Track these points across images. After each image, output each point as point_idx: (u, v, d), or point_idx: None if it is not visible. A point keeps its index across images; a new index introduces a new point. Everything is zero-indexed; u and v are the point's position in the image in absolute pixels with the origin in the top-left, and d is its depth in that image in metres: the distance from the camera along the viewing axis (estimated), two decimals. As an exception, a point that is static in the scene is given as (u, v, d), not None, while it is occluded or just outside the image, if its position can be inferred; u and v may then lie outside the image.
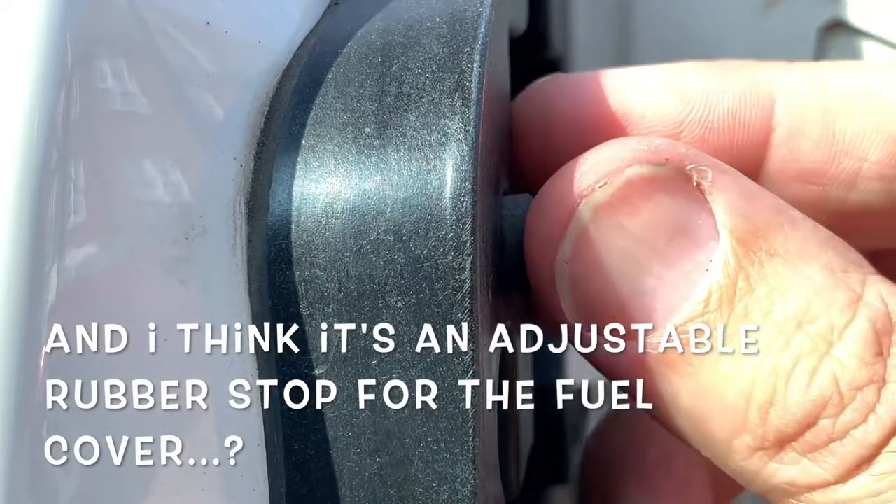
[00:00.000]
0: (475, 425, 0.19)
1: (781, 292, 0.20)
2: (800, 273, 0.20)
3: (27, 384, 0.16)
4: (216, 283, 0.19)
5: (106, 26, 0.17)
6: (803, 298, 0.20)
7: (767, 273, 0.20)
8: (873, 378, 0.20)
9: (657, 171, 0.21)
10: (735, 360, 0.20)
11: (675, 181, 0.21)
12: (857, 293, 0.20)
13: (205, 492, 0.18)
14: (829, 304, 0.20)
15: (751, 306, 0.20)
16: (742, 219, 0.21)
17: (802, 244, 0.21)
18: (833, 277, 0.20)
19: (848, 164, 0.25)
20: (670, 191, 0.21)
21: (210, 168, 0.19)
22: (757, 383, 0.20)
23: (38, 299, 0.16)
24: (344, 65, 0.20)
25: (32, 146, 0.16)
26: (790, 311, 0.20)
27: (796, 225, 0.21)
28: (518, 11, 0.28)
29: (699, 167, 0.21)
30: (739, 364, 0.20)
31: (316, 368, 0.19)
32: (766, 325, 0.20)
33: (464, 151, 0.19)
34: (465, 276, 0.18)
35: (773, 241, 0.21)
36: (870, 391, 0.20)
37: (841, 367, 0.20)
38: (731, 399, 0.20)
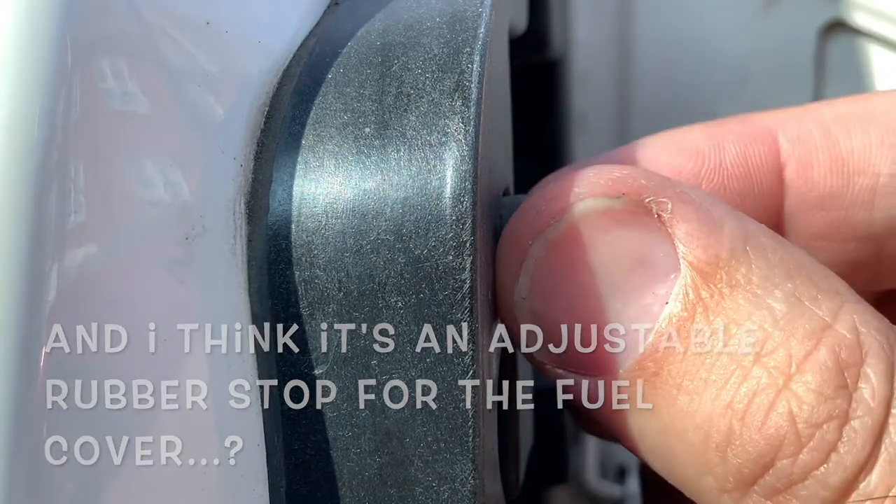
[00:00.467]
0: (475, 425, 0.19)
1: (739, 324, 0.19)
2: (760, 303, 0.20)
3: (27, 384, 0.16)
4: (216, 283, 0.19)
5: (106, 26, 0.17)
6: (761, 330, 0.19)
7: (727, 305, 0.20)
8: (833, 414, 0.19)
9: (612, 204, 0.20)
10: (693, 395, 0.19)
11: (631, 214, 0.20)
12: (826, 322, 0.19)
13: (205, 492, 0.18)
14: (788, 335, 0.19)
15: (708, 340, 0.19)
16: (702, 249, 0.20)
17: (767, 272, 0.20)
18: (797, 306, 0.20)
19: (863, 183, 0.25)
20: (627, 224, 0.20)
21: (210, 168, 0.19)
22: (714, 420, 0.19)
23: (38, 299, 0.16)
24: (344, 65, 0.20)
25: (32, 146, 0.16)
26: (747, 345, 0.19)
27: (763, 253, 0.20)
28: (518, 11, 0.28)
29: (658, 199, 0.20)
30: (697, 399, 0.19)
31: (316, 368, 0.19)
32: (723, 357, 0.19)
33: (464, 151, 0.19)
34: (465, 276, 0.18)
35: (735, 272, 0.20)
36: (830, 428, 0.19)
37: (798, 403, 0.19)
38: (691, 437, 0.20)
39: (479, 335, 0.19)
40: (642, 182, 0.21)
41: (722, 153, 0.25)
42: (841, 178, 0.25)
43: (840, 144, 0.25)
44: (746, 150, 0.25)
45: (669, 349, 0.20)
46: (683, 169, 0.25)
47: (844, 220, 0.25)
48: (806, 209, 0.26)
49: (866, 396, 0.19)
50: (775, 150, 0.26)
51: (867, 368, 0.19)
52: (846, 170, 0.25)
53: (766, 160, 0.25)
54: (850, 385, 0.19)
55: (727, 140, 0.26)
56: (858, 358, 0.19)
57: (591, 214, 0.20)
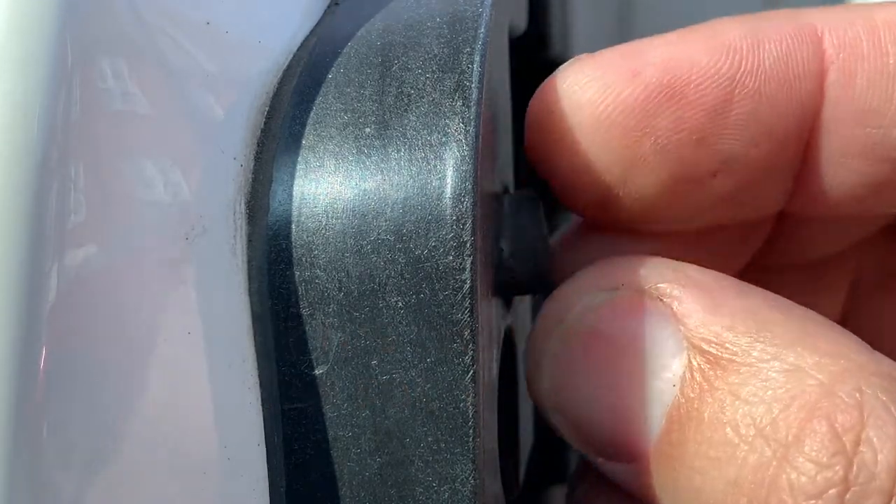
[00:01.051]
0: (475, 425, 0.19)
1: (742, 399, 0.19)
2: (761, 377, 0.19)
3: (27, 384, 0.16)
4: (216, 283, 0.19)
5: (106, 26, 0.17)
6: (763, 404, 0.19)
7: (730, 381, 0.20)
8: (833, 481, 0.18)
9: (611, 296, 0.21)
10: (704, 474, 0.20)
11: (633, 302, 0.21)
12: (825, 387, 0.19)
13: (205, 492, 0.18)
14: (786, 406, 0.19)
15: (714, 417, 0.20)
16: (703, 328, 0.20)
17: (769, 347, 0.20)
18: (797, 375, 0.19)
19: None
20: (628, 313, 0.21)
21: (210, 168, 0.19)
22: (723, 498, 0.19)
23: (38, 299, 0.16)
24: (344, 65, 0.20)
25: (32, 146, 0.16)
26: (749, 419, 0.19)
27: (766, 326, 0.20)
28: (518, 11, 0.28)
29: (657, 284, 0.21)
30: (709, 478, 0.20)
31: (316, 368, 0.19)
32: (728, 434, 0.19)
33: (464, 151, 0.19)
34: (465, 277, 0.18)
35: (737, 349, 0.20)
36: (830, 498, 0.18)
37: (798, 475, 0.18)
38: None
39: (478, 335, 0.19)
40: (641, 271, 0.21)
41: (761, 54, 0.24)
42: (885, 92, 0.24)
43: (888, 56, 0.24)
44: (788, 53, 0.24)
45: (681, 431, 0.20)
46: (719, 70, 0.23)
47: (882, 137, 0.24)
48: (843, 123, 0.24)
49: (867, 460, 0.18)
50: (819, 54, 0.24)
51: (869, 431, 0.18)
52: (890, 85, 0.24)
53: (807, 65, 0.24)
54: (850, 450, 0.18)
55: (769, 39, 0.24)
56: (858, 420, 0.19)
57: (594, 308, 0.21)
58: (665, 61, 0.23)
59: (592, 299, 0.21)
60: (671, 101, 0.23)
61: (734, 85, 0.23)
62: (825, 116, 0.24)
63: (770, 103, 0.23)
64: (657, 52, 0.23)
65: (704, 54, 0.23)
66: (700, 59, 0.23)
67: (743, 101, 0.23)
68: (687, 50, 0.23)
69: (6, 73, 0.16)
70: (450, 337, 0.18)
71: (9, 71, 0.16)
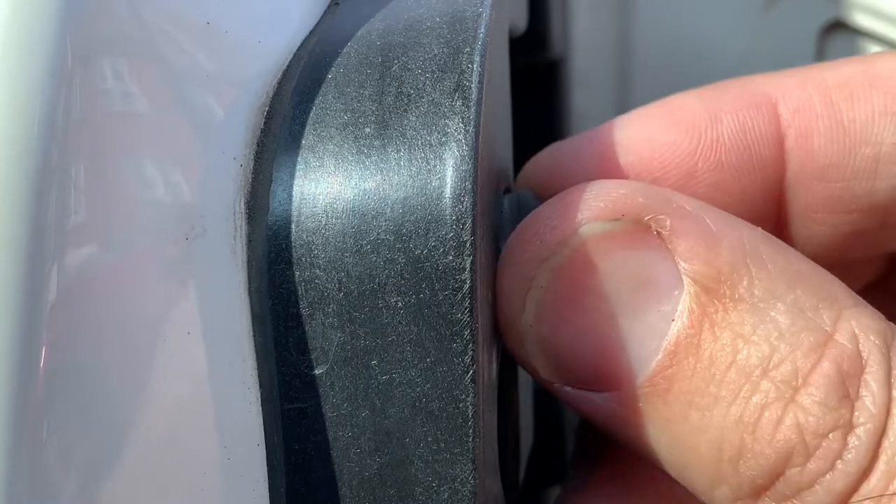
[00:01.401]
0: (475, 425, 0.19)
1: (745, 339, 0.20)
2: (764, 317, 0.20)
3: (27, 384, 0.16)
4: (216, 283, 0.19)
5: (106, 26, 0.17)
6: (767, 344, 0.20)
7: (732, 320, 0.20)
8: (839, 423, 0.19)
9: (613, 227, 0.21)
10: (704, 411, 0.20)
11: (632, 234, 0.20)
12: (828, 332, 0.20)
13: (205, 492, 0.18)
14: (793, 349, 0.20)
15: (716, 354, 0.20)
16: (704, 265, 0.20)
17: (769, 284, 0.20)
18: (800, 318, 0.20)
19: (865, 153, 0.25)
20: (628, 245, 0.20)
21: (210, 168, 0.19)
22: (725, 435, 0.20)
23: (38, 299, 0.16)
24: (344, 65, 0.20)
25: (32, 146, 0.16)
26: (755, 358, 0.20)
27: (763, 264, 0.20)
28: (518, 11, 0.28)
29: (657, 216, 0.20)
30: (708, 415, 0.20)
31: (316, 368, 0.19)
32: (731, 372, 0.20)
33: (464, 151, 0.19)
34: (465, 277, 0.18)
35: (738, 285, 0.20)
36: (835, 437, 0.19)
37: (805, 415, 0.19)
38: (704, 451, 0.20)
39: (478, 335, 0.19)
40: (640, 201, 0.21)
41: (719, 127, 0.25)
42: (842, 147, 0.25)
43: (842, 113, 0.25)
44: (745, 122, 0.25)
45: (678, 366, 0.20)
46: (679, 146, 0.24)
47: (846, 190, 0.25)
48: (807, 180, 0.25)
49: (868, 404, 0.19)
50: (775, 119, 0.25)
51: (867, 376, 0.20)
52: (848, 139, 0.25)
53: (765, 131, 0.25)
54: (853, 394, 0.19)
55: (725, 112, 0.25)
56: (859, 367, 0.20)
57: (593, 239, 0.21)
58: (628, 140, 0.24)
59: (590, 230, 0.21)
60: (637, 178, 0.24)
61: (696, 159, 0.24)
62: (789, 177, 0.25)
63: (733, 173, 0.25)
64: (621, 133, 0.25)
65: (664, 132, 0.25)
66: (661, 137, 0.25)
67: (706, 173, 0.24)
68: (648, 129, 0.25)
69: (6, 73, 0.16)
70: (449, 337, 0.18)
71: (9, 71, 0.16)
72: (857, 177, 0.25)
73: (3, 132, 0.16)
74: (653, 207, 0.21)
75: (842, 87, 0.25)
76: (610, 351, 0.20)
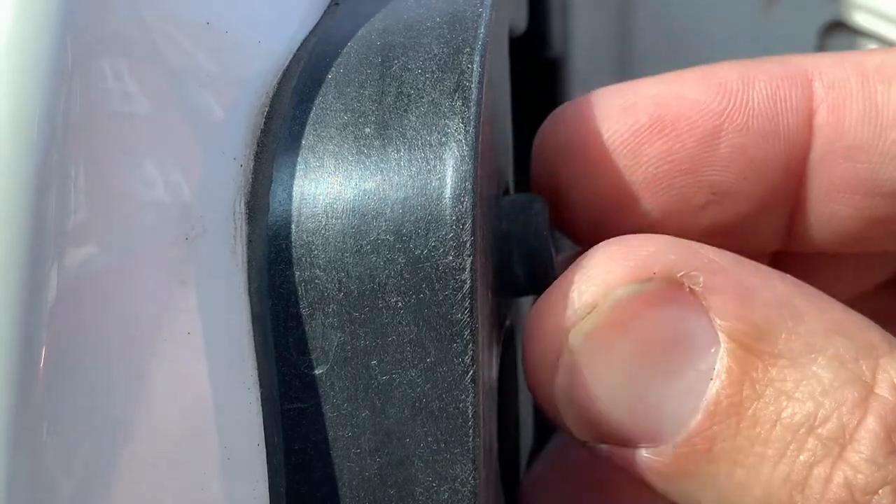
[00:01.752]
0: (475, 425, 0.19)
1: (789, 396, 0.19)
2: (806, 372, 0.20)
3: (27, 384, 0.16)
4: (216, 283, 0.19)
5: (106, 26, 0.17)
6: (812, 401, 0.19)
7: (773, 376, 0.20)
8: (887, 479, 0.19)
9: (645, 288, 0.20)
10: (750, 469, 0.20)
11: (665, 293, 0.20)
12: (869, 384, 0.20)
13: (205, 492, 0.18)
14: (838, 404, 0.19)
15: (759, 413, 0.19)
16: (740, 321, 0.20)
17: (808, 338, 0.20)
18: (842, 371, 0.20)
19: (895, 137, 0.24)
20: (661, 304, 0.20)
21: (210, 168, 0.19)
22: (773, 493, 0.19)
23: (38, 299, 0.16)
24: (344, 65, 0.20)
25: (32, 146, 0.16)
26: (800, 416, 0.19)
27: (800, 317, 0.20)
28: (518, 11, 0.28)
29: (689, 273, 0.20)
30: (755, 473, 0.20)
31: (316, 368, 0.19)
32: (777, 430, 0.19)
33: (464, 151, 0.19)
34: (465, 277, 0.18)
35: (776, 341, 0.20)
36: (885, 494, 0.19)
37: (854, 472, 0.19)
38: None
39: (478, 335, 0.19)
40: (671, 258, 0.20)
41: (751, 91, 0.24)
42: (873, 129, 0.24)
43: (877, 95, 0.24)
44: (777, 91, 0.24)
45: (720, 425, 0.20)
46: (707, 105, 0.24)
47: (871, 173, 0.24)
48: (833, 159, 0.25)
49: None
50: (808, 93, 0.24)
51: None
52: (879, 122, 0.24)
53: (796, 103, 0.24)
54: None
55: (759, 79, 0.24)
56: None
57: (624, 301, 0.20)
58: (657, 95, 0.24)
59: (623, 292, 0.20)
60: (662, 132, 0.24)
61: (723, 119, 0.24)
62: (815, 153, 0.25)
63: (758, 138, 0.24)
64: (651, 88, 0.24)
65: (695, 91, 0.24)
66: (691, 94, 0.24)
67: (731, 135, 0.24)
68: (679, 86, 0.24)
69: (6, 74, 0.16)
70: (450, 337, 0.18)
71: (9, 71, 0.16)
72: (884, 161, 0.24)
73: (3, 132, 0.16)
74: (684, 264, 0.20)
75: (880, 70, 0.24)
76: (646, 411, 0.20)
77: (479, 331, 0.19)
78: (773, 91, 0.24)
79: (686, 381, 0.20)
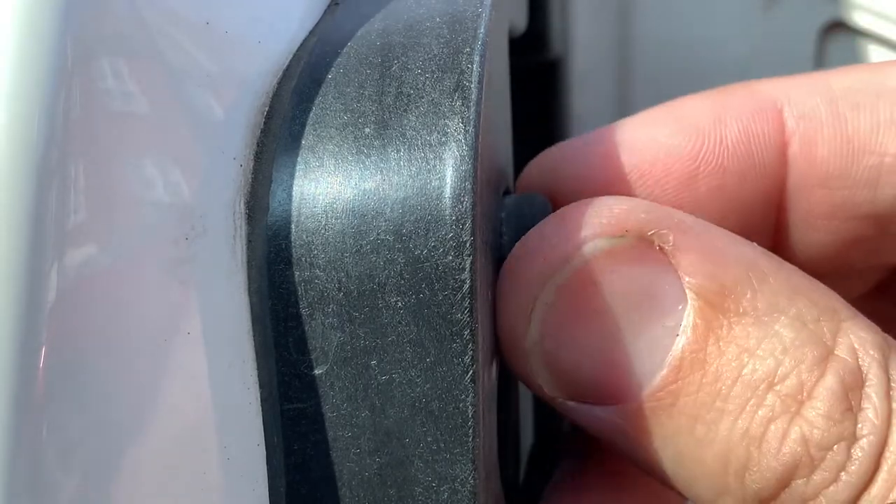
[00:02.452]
0: (475, 425, 0.19)
1: (751, 353, 0.20)
2: (769, 331, 0.20)
3: (27, 384, 0.16)
4: (216, 283, 0.19)
5: (106, 26, 0.17)
6: (773, 358, 0.20)
7: (737, 334, 0.20)
8: (842, 436, 0.20)
9: (617, 243, 0.21)
10: (710, 424, 0.20)
11: (636, 250, 0.21)
12: (829, 346, 0.20)
13: (205, 492, 0.18)
14: (798, 362, 0.20)
15: (722, 369, 0.20)
16: (707, 279, 0.20)
17: (771, 298, 0.20)
18: (803, 331, 0.20)
19: (868, 162, 0.25)
20: (632, 261, 0.21)
21: (210, 168, 0.19)
22: (731, 448, 0.20)
23: (38, 299, 0.16)
24: (344, 65, 0.20)
25: (32, 146, 0.16)
26: (760, 373, 0.20)
27: (765, 277, 0.20)
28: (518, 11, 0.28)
29: (660, 231, 0.21)
30: (714, 429, 0.20)
31: (316, 368, 0.19)
32: (737, 387, 0.20)
33: (464, 151, 0.19)
34: (465, 276, 0.18)
35: (741, 299, 0.20)
36: (839, 450, 0.20)
37: (810, 428, 0.20)
38: (710, 463, 0.20)
39: (478, 335, 0.19)
40: (642, 216, 0.21)
41: (723, 130, 0.25)
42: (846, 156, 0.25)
43: (847, 122, 0.25)
44: (749, 127, 0.25)
45: (684, 380, 0.20)
46: (683, 149, 0.25)
47: (847, 198, 0.25)
48: (809, 187, 0.25)
49: (870, 416, 0.20)
50: (780, 125, 0.25)
51: (868, 389, 0.20)
52: (851, 148, 0.25)
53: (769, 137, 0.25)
54: (855, 407, 0.20)
55: (729, 116, 0.25)
56: (860, 380, 0.20)
57: (596, 255, 0.21)
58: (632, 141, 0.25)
59: (593, 246, 0.21)
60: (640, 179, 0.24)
61: (698, 163, 0.25)
62: (791, 184, 0.25)
63: (735, 177, 0.25)
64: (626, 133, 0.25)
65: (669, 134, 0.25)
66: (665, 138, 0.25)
67: (708, 177, 0.24)
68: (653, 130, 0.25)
69: (6, 73, 0.16)
70: (449, 337, 0.18)
71: (9, 71, 0.16)
72: (858, 186, 0.25)
73: (3, 132, 0.16)
74: (655, 223, 0.21)
75: (848, 95, 0.25)
76: (614, 365, 0.21)
77: (479, 331, 0.19)
78: (745, 128, 0.25)
79: (653, 337, 0.20)
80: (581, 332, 0.21)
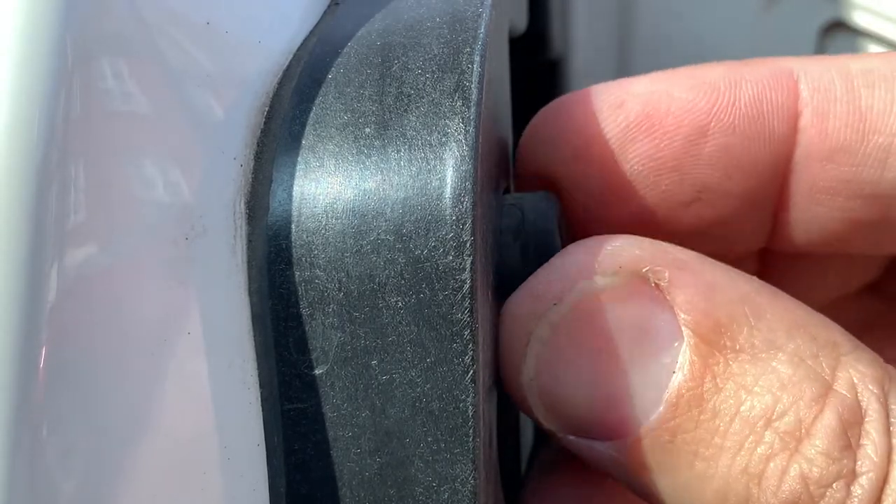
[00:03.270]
0: (475, 425, 0.19)
1: (748, 390, 0.20)
2: (766, 368, 0.20)
3: (27, 384, 0.16)
4: (216, 283, 0.19)
5: (106, 26, 0.17)
6: (771, 395, 0.20)
7: (734, 370, 0.20)
8: (842, 473, 0.20)
9: (611, 281, 0.21)
10: (709, 461, 0.20)
11: (631, 287, 0.21)
12: (828, 381, 0.20)
13: (205, 492, 0.18)
14: (796, 399, 0.20)
15: (720, 406, 0.20)
16: (702, 315, 0.20)
17: (769, 334, 0.20)
18: (801, 367, 0.20)
19: (878, 142, 0.25)
20: (627, 298, 0.21)
21: (210, 168, 0.19)
22: (731, 484, 0.20)
23: (38, 299, 0.16)
24: (344, 65, 0.20)
25: (32, 146, 0.16)
26: (758, 409, 0.20)
27: (762, 313, 0.20)
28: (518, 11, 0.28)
29: (654, 268, 0.21)
30: (714, 465, 0.20)
31: (316, 368, 0.19)
32: (736, 424, 0.20)
33: (464, 151, 0.19)
34: (465, 277, 0.18)
35: (738, 336, 0.20)
36: (839, 488, 0.19)
37: (809, 466, 0.20)
38: (710, 499, 0.20)
39: (478, 335, 0.19)
40: (637, 252, 0.21)
41: (738, 92, 0.25)
42: (856, 133, 0.25)
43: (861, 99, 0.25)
44: (763, 92, 0.25)
45: (682, 417, 0.20)
46: (696, 104, 0.24)
47: (853, 176, 0.25)
48: (815, 160, 0.25)
49: (870, 453, 0.20)
50: (794, 95, 0.25)
51: (867, 425, 0.20)
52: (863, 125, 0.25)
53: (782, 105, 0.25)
54: (854, 444, 0.20)
55: (746, 79, 0.25)
56: (859, 416, 0.20)
57: (591, 293, 0.21)
58: (646, 93, 0.24)
59: (589, 285, 0.21)
60: (649, 129, 0.24)
61: (710, 118, 0.24)
62: (798, 154, 0.25)
63: (744, 138, 0.25)
64: (641, 86, 0.25)
65: (684, 89, 0.25)
66: (680, 92, 0.25)
67: (717, 134, 0.24)
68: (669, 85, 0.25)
69: (6, 73, 0.16)
70: (450, 337, 0.18)
71: (9, 71, 0.16)
72: (866, 164, 0.25)
73: (3, 132, 0.16)
74: (650, 259, 0.21)
75: (865, 74, 0.25)
76: (611, 402, 0.21)
77: (479, 331, 0.19)
78: (759, 92, 0.25)
79: (649, 374, 0.20)
80: (576, 368, 0.21)
